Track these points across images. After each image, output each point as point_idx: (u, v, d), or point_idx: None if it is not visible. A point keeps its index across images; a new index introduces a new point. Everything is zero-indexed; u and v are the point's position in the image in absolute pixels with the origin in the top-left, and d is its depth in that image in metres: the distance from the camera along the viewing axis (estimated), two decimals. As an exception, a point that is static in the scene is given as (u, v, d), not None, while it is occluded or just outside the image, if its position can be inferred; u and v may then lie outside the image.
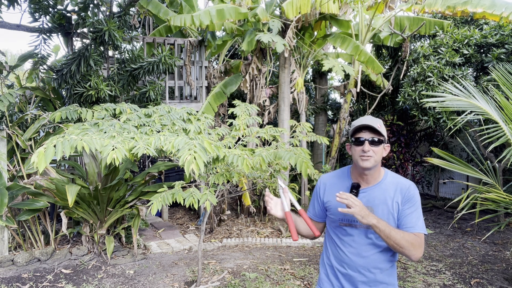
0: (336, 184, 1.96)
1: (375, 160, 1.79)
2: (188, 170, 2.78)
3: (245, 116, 4.29)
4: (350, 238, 1.88)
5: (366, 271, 1.84)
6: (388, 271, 1.87)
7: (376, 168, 1.85)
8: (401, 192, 1.82)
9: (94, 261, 4.89)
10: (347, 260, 1.88)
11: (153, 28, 8.59)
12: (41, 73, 5.82)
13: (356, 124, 1.83)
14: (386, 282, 1.87)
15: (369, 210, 1.78)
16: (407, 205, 1.80)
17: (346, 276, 1.89)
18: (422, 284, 4.32)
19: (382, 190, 1.85)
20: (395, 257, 1.90)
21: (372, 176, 1.86)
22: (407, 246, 1.68)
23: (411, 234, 1.74)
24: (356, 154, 1.82)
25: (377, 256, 1.84)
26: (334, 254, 1.96)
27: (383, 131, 1.82)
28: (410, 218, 1.78)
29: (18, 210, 4.99)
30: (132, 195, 5.24)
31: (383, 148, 1.84)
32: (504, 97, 4.12)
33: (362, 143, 1.79)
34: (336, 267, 1.93)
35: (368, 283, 1.86)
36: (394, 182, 1.86)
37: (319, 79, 9.84)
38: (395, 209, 1.81)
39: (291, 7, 6.00)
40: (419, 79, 6.34)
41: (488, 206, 4.17)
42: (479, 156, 4.58)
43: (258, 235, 6.22)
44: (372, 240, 1.83)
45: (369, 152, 1.78)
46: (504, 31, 5.93)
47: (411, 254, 1.70)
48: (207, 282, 4.29)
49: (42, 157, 2.76)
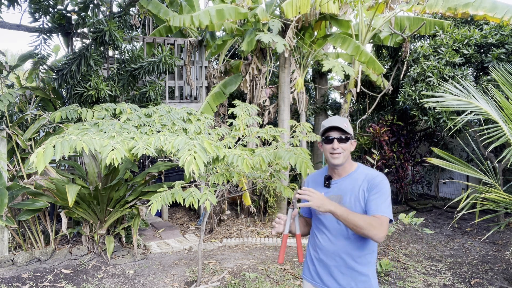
0: (316, 180, 2.18)
1: (344, 156, 1.99)
2: (188, 170, 2.78)
3: (245, 116, 4.29)
4: (323, 226, 2.06)
5: (337, 256, 2.00)
6: (359, 260, 1.98)
7: (346, 163, 2.04)
8: (368, 181, 1.97)
9: (94, 261, 4.90)
10: (321, 246, 2.06)
11: (153, 28, 8.59)
12: (41, 73, 5.82)
13: (326, 125, 2.03)
14: (359, 271, 1.98)
15: (339, 199, 2.00)
16: (373, 192, 1.93)
17: (320, 261, 2.07)
18: (422, 284, 4.32)
19: (352, 180, 2.02)
20: (367, 245, 1.99)
21: (343, 170, 2.05)
22: (365, 227, 1.78)
23: (372, 216, 1.86)
24: (326, 151, 2.03)
25: (347, 242, 1.98)
26: (311, 242, 2.15)
27: (350, 129, 2.02)
28: (374, 203, 1.91)
29: (18, 210, 4.99)
30: (132, 195, 5.24)
31: (350, 144, 2.04)
32: (504, 97, 4.12)
33: (332, 141, 2.00)
34: (313, 254, 2.12)
35: (339, 267, 1.99)
36: (364, 173, 2.03)
37: (319, 79, 9.84)
38: (362, 197, 1.96)
39: (291, 7, 6.00)
40: (419, 79, 6.34)
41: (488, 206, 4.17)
42: (479, 156, 4.58)
43: (258, 235, 6.22)
44: (341, 227, 1.98)
45: (338, 149, 1.98)
46: (504, 31, 5.93)
47: (371, 234, 1.79)
48: (207, 282, 4.30)
49: (41, 157, 2.76)
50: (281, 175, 4.23)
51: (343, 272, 1.98)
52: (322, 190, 2.06)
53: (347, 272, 1.97)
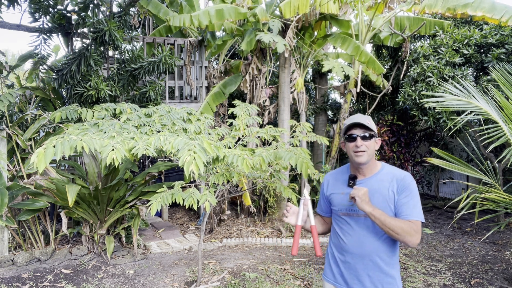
0: (337, 178, 2.10)
1: (368, 154, 1.92)
2: (188, 170, 2.78)
3: (245, 116, 4.29)
4: (349, 227, 1.98)
5: (366, 258, 1.93)
6: (387, 261, 1.93)
7: (371, 162, 1.97)
8: (397, 181, 1.91)
9: (94, 261, 4.90)
10: (347, 248, 1.98)
11: (153, 28, 8.59)
12: (41, 73, 5.82)
13: (348, 123, 1.96)
14: (386, 273, 1.92)
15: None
16: (403, 194, 1.88)
17: (346, 263, 1.99)
18: (422, 284, 4.32)
19: (378, 180, 1.95)
20: (395, 248, 1.96)
21: (368, 169, 1.98)
22: (402, 233, 1.77)
23: (407, 221, 1.82)
24: (350, 150, 1.95)
25: (376, 244, 1.92)
26: (336, 243, 2.06)
27: (373, 126, 1.95)
28: (406, 207, 1.86)
29: (18, 210, 4.99)
30: (132, 195, 5.24)
31: (375, 142, 1.96)
32: (504, 97, 4.12)
33: (355, 139, 1.92)
34: (337, 256, 2.04)
35: (367, 270, 1.93)
36: (390, 173, 1.96)
37: (319, 79, 9.84)
38: (391, 198, 1.90)
39: (289, 8, 6.00)
40: (419, 79, 6.34)
41: (488, 206, 4.17)
42: (479, 156, 4.58)
43: (258, 235, 6.22)
44: (370, 229, 1.92)
45: (362, 146, 1.90)
46: (504, 31, 5.93)
47: (407, 240, 1.78)
48: (207, 282, 4.29)
49: (42, 157, 2.76)
50: (281, 175, 4.23)
51: (370, 275, 1.92)
52: (345, 189, 2.00)
53: (374, 274, 1.92)
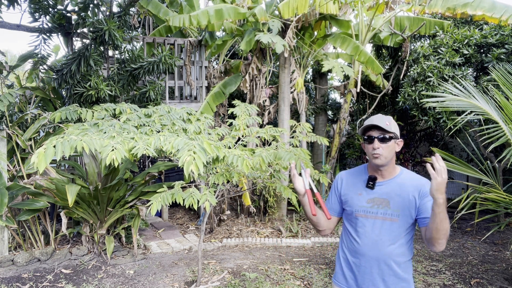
0: (353, 178, 2.04)
1: (385, 157, 1.88)
2: (188, 170, 2.78)
3: (245, 116, 4.29)
4: (365, 230, 1.92)
5: (381, 262, 1.88)
6: (402, 266, 1.89)
7: (390, 164, 1.93)
8: (417, 187, 1.88)
9: (94, 261, 4.90)
10: (362, 251, 1.92)
11: (153, 28, 8.59)
12: (41, 73, 5.82)
13: (366, 124, 1.92)
14: (401, 277, 1.89)
15: (386, 203, 1.89)
16: (427, 199, 1.84)
17: (359, 267, 1.93)
18: (422, 284, 4.32)
19: (398, 184, 1.91)
20: (410, 252, 1.92)
21: (387, 171, 1.94)
22: (446, 234, 1.70)
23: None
24: (368, 151, 1.92)
25: (393, 248, 1.87)
26: (349, 246, 2.00)
27: (393, 128, 1.89)
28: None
29: (18, 210, 4.99)
30: (132, 195, 5.24)
31: (395, 144, 1.92)
32: (504, 97, 4.12)
33: (372, 140, 1.89)
34: (350, 259, 1.98)
35: (382, 274, 1.88)
36: (410, 177, 1.93)
37: (319, 79, 9.84)
38: (412, 203, 1.86)
39: (287, 8, 6.00)
40: (419, 79, 6.34)
41: (488, 206, 4.17)
42: (479, 156, 4.58)
43: (258, 235, 6.22)
44: (387, 232, 1.88)
45: (379, 149, 1.87)
46: (504, 31, 5.93)
47: (441, 243, 1.72)
48: (207, 282, 4.29)
49: (42, 158, 2.76)
50: (281, 175, 4.23)
51: (385, 280, 1.89)
52: (363, 190, 1.97)
53: (389, 279, 1.88)
